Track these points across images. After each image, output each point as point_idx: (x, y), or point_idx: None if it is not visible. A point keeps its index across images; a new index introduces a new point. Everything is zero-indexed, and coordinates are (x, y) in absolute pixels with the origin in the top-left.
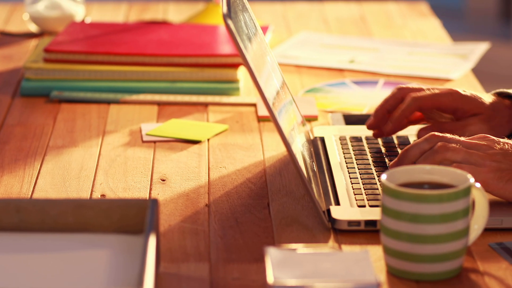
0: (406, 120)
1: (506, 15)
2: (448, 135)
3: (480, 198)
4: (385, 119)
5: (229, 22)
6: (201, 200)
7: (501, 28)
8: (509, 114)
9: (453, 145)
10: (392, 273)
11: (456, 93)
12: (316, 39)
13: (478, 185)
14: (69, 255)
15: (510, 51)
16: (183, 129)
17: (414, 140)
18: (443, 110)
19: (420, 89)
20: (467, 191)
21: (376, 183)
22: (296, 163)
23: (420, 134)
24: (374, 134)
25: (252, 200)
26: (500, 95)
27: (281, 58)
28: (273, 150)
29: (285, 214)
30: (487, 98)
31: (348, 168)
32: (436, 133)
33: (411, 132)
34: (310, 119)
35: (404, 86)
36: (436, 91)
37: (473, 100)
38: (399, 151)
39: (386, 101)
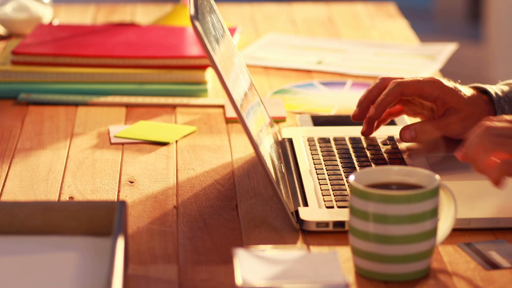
0: (388, 105)
1: (474, 15)
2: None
3: (448, 198)
4: (369, 110)
5: (197, 23)
6: (169, 202)
7: (469, 29)
8: (487, 110)
9: None
10: (361, 273)
11: (438, 81)
12: (284, 40)
13: (446, 185)
14: (37, 257)
15: (478, 51)
16: (151, 131)
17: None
18: (424, 98)
19: (403, 78)
20: (435, 191)
21: (344, 184)
22: (264, 165)
23: (402, 132)
24: (362, 133)
25: (221, 201)
26: (477, 89)
27: (249, 60)
28: (241, 151)
29: (253, 216)
30: (467, 91)
31: (316, 169)
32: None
33: (381, 133)
34: (278, 120)
35: (386, 76)
36: (419, 78)
37: (454, 92)
38: (368, 152)
39: (370, 92)
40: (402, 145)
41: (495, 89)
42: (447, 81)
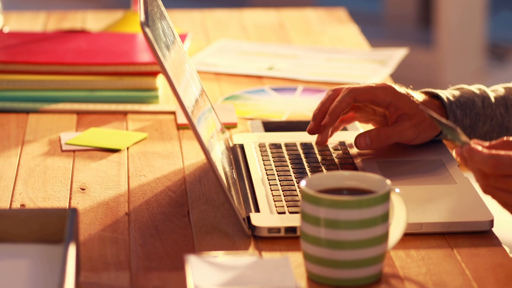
0: (342, 112)
1: (425, 20)
2: None
3: (399, 203)
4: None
5: (147, 30)
6: (121, 209)
7: (420, 34)
8: (439, 115)
9: None
10: (312, 279)
11: (391, 87)
12: (235, 47)
13: (397, 190)
14: None
15: (428, 56)
16: (102, 137)
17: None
18: (377, 104)
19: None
20: (386, 196)
21: (295, 190)
22: (216, 171)
23: (357, 140)
24: (317, 142)
25: (172, 208)
26: (428, 95)
27: (200, 66)
28: (193, 158)
29: (205, 222)
30: (419, 97)
31: (267, 175)
32: None
33: (332, 139)
34: (229, 126)
35: (338, 87)
36: (372, 85)
37: (406, 98)
38: (319, 157)
39: (323, 104)
40: (354, 150)
41: (446, 94)
42: (399, 87)
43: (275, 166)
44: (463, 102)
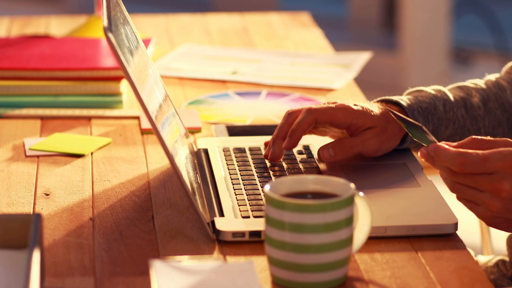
0: (304, 133)
1: (389, 24)
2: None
3: (364, 207)
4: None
5: (110, 35)
6: (85, 214)
7: (384, 38)
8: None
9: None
10: (277, 283)
11: (349, 108)
12: (199, 51)
13: (361, 194)
14: None
15: (392, 60)
16: (66, 143)
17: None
18: (337, 125)
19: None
20: (350, 200)
21: (260, 194)
22: (180, 176)
23: (320, 152)
24: (270, 159)
25: (137, 213)
26: (386, 102)
27: (164, 71)
28: (157, 162)
29: (169, 227)
30: (377, 109)
31: (232, 179)
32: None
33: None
34: (193, 131)
35: (294, 110)
36: (331, 105)
37: (366, 114)
38: (283, 162)
39: (281, 129)
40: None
41: (406, 100)
42: (354, 105)
43: (240, 171)
44: (425, 108)
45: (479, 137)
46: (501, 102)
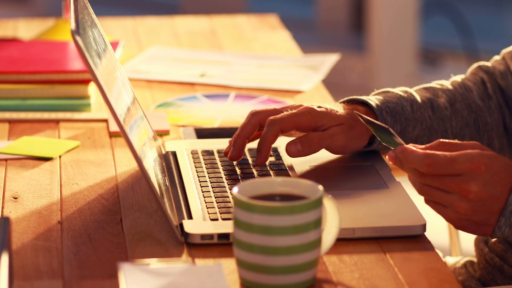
0: (271, 145)
1: (357, 26)
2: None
3: (332, 208)
4: (245, 147)
5: (78, 38)
6: (53, 217)
7: (353, 39)
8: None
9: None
10: (246, 285)
11: (313, 110)
12: (167, 54)
13: (329, 195)
14: None
15: (361, 61)
16: (34, 146)
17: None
18: (303, 130)
19: (275, 110)
20: (319, 202)
21: (228, 196)
22: (148, 179)
23: (288, 147)
24: (229, 158)
25: (105, 216)
26: (353, 102)
27: (132, 73)
28: (125, 165)
29: (138, 229)
30: (342, 110)
31: (200, 182)
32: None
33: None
34: (161, 133)
35: (257, 110)
36: (294, 111)
37: (330, 115)
38: (251, 164)
39: (243, 129)
40: (286, 156)
41: (374, 100)
42: (318, 107)
43: (208, 173)
44: (393, 108)
45: (447, 140)
46: (467, 102)
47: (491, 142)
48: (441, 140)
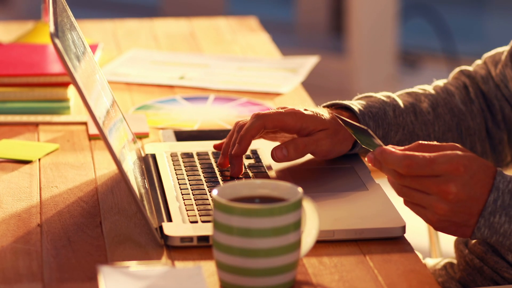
0: (252, 139)
1: (337, 28)
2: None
3: (311, 210)
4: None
5: (57, 41)
6: (33, 220)
7: (332, 42)
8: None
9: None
10: None
11: (299, 112)
12: (146, 56)
13: (309, 197)
14: None
15: (340, 64)
16: (13, 149)
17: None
18: (287, 130)
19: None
20: (298, 204)
21: (208, 199)
22: (127, 181)
23: (274, 152)
24: (233, 174)
25: (85, 219)
26: (336, 107)
27: (111, 76)
28: (105, 168)
29: (117, 232)
30: (327, 114)
31: (180, 184)
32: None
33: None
34: (141, 136)
35: (243, 120)
36: (280, 110)
37: (316, 118)
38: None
39: (230, 137)
40: (265, 158)
41: (357, 105)
42: (304, 109)
43: (187, 176)
44: (375, 112)
45: (425, 142)
46: (450, 107)
47: (474, 146)
48: (420, 142)
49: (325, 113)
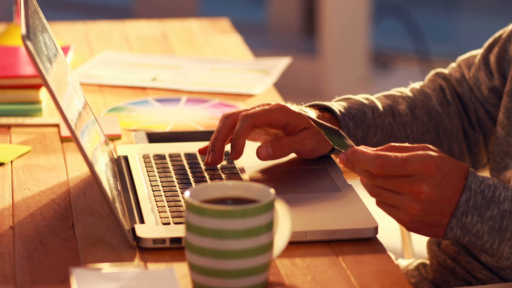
0: (245, 139)
1: (309, 29)
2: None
3: (284, 212)
4: (224, 150)
5: (28, 43)
6: (5, 223)
7: (304, 43)
8: (327, 122)
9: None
10: None
11: (285, 107)
12: (119, 58)
13: (281, 199)
14: None
15: (313, 65)
16: None
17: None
18: (274, 126)
19: (245, 111)
20: (270, 205)
21: (180, 200)
22: (100, 183)
23: (259, 150)
24: (210, 163)
25: (57, 221)
26: (316, 107)
27: (83, 78)
28: (77, 170)
29: (90, 234)
30: (311, 112)
31: (152, 186)
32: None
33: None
34: (113, 138)
35: (229, 112)
36: (266, 107)
37: (302, 116)
38: (203, 168)
39: (219, 132)
40: (238, 160)
41: (337, 106)
42: (290, 104)
43: (160, 177)
44: (355, 113)
45: (397, 144)
46: (427, 109)
47: (451, 147)
48: (392, 143)
49: (309, 112)
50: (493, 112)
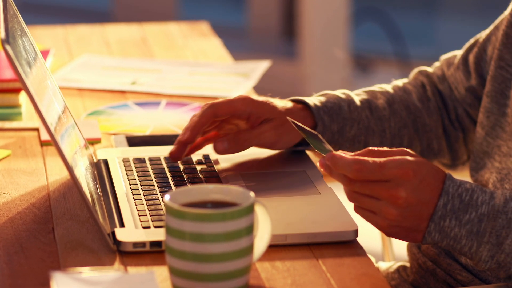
0: (203, 127)
1: (289, 33)
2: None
3: (264, 215)
4: (199, 134)
5: (7, 47)
6: None
7: (284, 46)
8: (302, 116)
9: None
10: None
11: (248, 98)
12: (98, 62)
13: (261, 202)
14: None
15: (293, 68)
16: None
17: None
18: (238, 116)
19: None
20: (250, 208)
21: (160, 204)
22: (79, 187)
23: (215, 145)
24: (172, 155)
25: (37, 225)
26: (294, 102)
27: (62, 82)
28: (57, 174)
29: (70, 238)
30: (280, 102)
31: (132, 189)
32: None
33: (196, 152)
34: (93, 142)
35: (212, 103)
36: (230, 98)
37: (265, 104)
38: (183, 171)
39: (201, 117)
40: (218, 163)
41: (313, 100)
42: (257, 96)
43: (140, 181)
44: (330, 107)
45: (376, 148)
46: (406, 104)
47: (430, 143)
48: (370, 148)
49: (276, 101)
50: (470, 111)
